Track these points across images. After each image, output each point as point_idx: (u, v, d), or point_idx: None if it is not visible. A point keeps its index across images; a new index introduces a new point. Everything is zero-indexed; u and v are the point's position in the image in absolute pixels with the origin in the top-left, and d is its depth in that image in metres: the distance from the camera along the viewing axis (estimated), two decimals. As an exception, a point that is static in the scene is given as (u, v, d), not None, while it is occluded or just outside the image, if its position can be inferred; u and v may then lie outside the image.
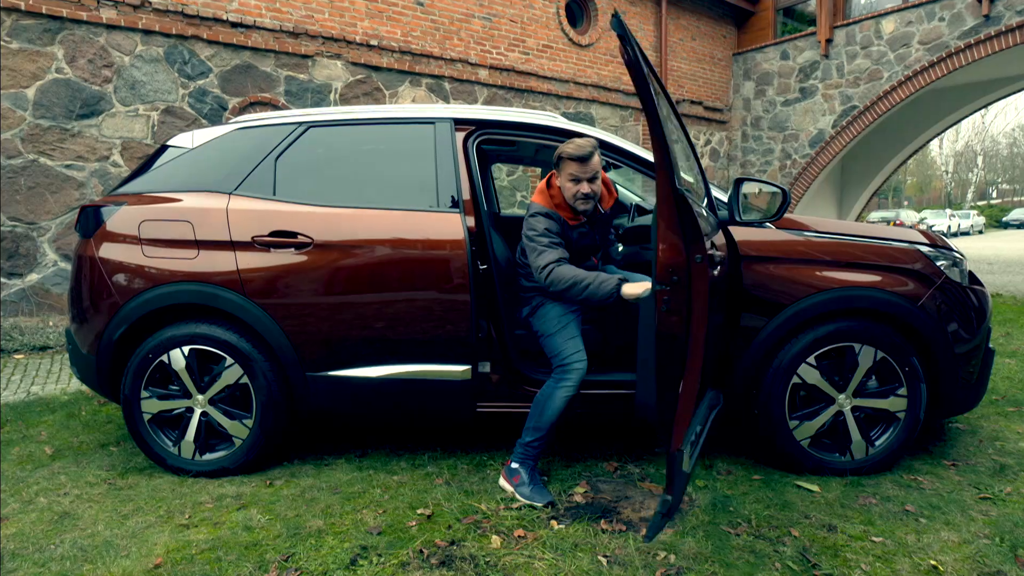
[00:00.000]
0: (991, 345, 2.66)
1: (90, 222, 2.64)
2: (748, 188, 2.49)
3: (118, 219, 2.59)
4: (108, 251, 2.57)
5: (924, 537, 2.01)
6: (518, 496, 2.26)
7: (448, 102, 7.72)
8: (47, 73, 5.26)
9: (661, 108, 2.00)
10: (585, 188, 2.33)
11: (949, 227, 26.77)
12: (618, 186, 4.09)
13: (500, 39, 8.14)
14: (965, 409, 2.61)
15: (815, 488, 2.35)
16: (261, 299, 2.47)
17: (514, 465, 2.34)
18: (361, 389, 2.52)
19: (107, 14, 5.44)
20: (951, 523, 2.10)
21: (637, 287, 2.21)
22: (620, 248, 3.67)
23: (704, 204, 2.48)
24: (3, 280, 5.20)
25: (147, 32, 5.66)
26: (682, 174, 2.14)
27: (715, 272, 2.09)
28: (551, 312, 2.42)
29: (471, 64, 7.85)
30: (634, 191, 4.01)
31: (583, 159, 2.29)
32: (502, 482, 2.36)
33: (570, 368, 2.32)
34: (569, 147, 2.30)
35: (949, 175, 44.41)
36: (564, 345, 2.36)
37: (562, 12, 8.70)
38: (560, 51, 8.76)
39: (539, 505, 2.21)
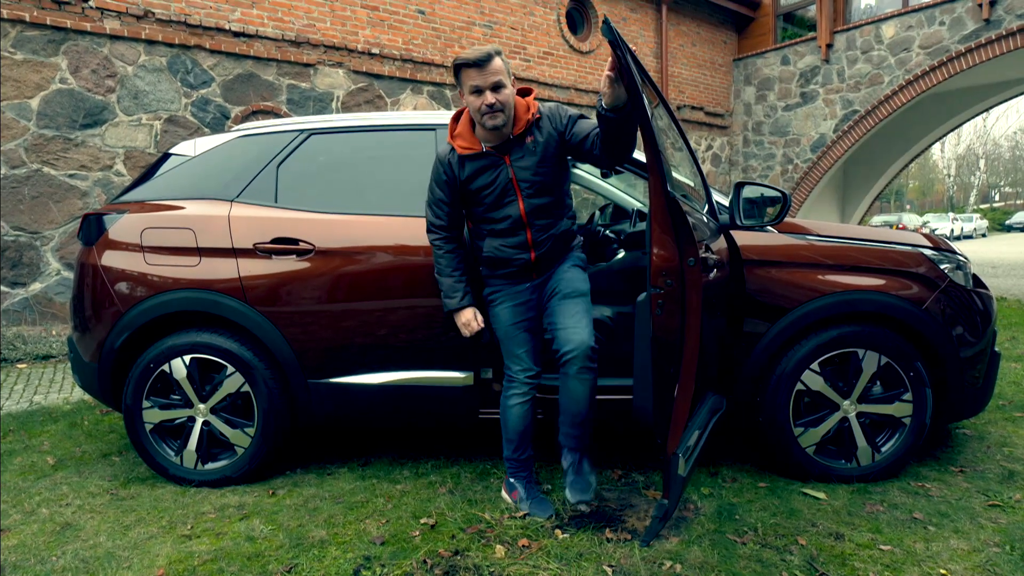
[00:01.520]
0: (997, 349, 2.64)
1: (92, 230, 2.64)
2: (749, 192, 2.48)
3: (120, 227, 2.59)
4: (110, 259, 2.57)
5: (933, 545, 1.99)
6: (520, 510, 2.22)
7: (450, 109, 7.74)
8: (51, 83, 5.29)
9: (655, 115, 2.00)
10: (489, 99, 1.97)
11: (952, 230, 26.73)
12: (619, 191, 4.10)
13: (501, 46, 8.17)
14: (971, 414, 2.59)
15: (821, 495, 2.33)
16: (263, 306, 2.47)
17: (510, 480, 2.29)
18: (363, 396, 2.51)
19: (111, 25, 5.48)
20: (960, 531, 2.08)
21: (464, 321, 2.17)
22: (621, 254, 3.67)
23: (705, 209, 2.47)
24: (7, 289, 5.22)
25: (150, 42, 5.70)
26: (677, 178, 2.14)
27: (710, 276, 2.08)
28: (501, 316, 2.22)
29: (472, 71, 7.87)
30: (636, 196, 4.01)
31: (479, 63, 1.96)
32: (504, 494, 2.32)
33: (513, 380, 2.23)
34: (464, 52, 2.01)
35: (951, 178, 44.37)
36: (509, 357, 2.23)
37: (563, 19, 8.73)
38: (561, 58, 8.79)
39: (542, 519, 2.16)
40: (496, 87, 1.98)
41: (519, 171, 2.08)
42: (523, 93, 2.16)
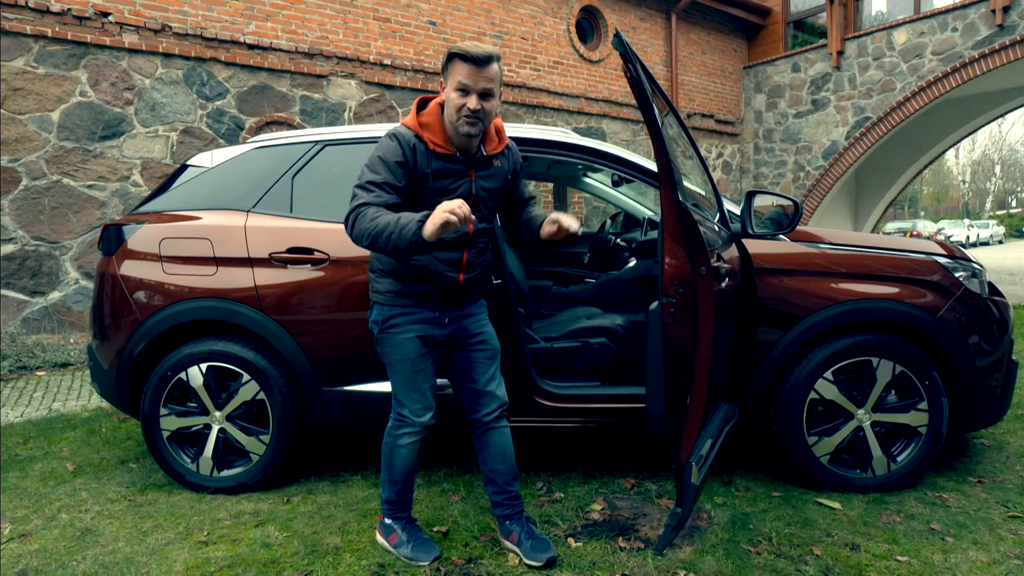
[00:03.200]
0: (1014, 357, 2.61)
1: (112, 240, 2.70)
2: (760, 201, 2.49)
3: (139, 237, 2.64)
4: (129, 268, 2.62)
5: (951, 557, 1.97)
6: (399, 557, 1.99)
7: (460, 119, 7.79)
8: (71, 96, 5.40)
9: (666, 124, 2.01)
10: (473, 103, 1.76)
11: (968, 237, 26.40)
12: (630, 200, 4.12)
13: (511, 56, 8.23)
14: (989, 423, 2.56)
15: (837, 505, 2.31)
16: (278, 315, 2.50)
17: (387, 521, 2.06)
18: (376, 403, 2.52)
19: (129, 39, 5.60)
20: (979, 542, 2.05)
21: (448, 208, 1.63)
22: (632, 262, 3.68)
23: (716, 218, 2.48)
24: (27, 298, 5.31)
25: (167, 55, 5.81)
26: (688, 187, 2.15)
27: (722, 285, 2.08)
28: (406, 345, 1.91)
29: (483, 81, 7.94)
30: (647, 205, 4.02)
31: (478, 61, 1.75)
32: (379, 538, 2.08)
33: (407, 421, 1.97)
34: (465, 43, 1.79)
35: (966, 185, 43.90)
36: (406, 394, 1.95)
37: (573, 29, 8.79)
38: (571, 67, 8.83)
39: (424, 564, 1.95)
40: (485, 94, 1.79)
41: (479, 190, 1.91)
42: None
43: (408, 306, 1.92)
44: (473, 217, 1.70)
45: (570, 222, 1.90)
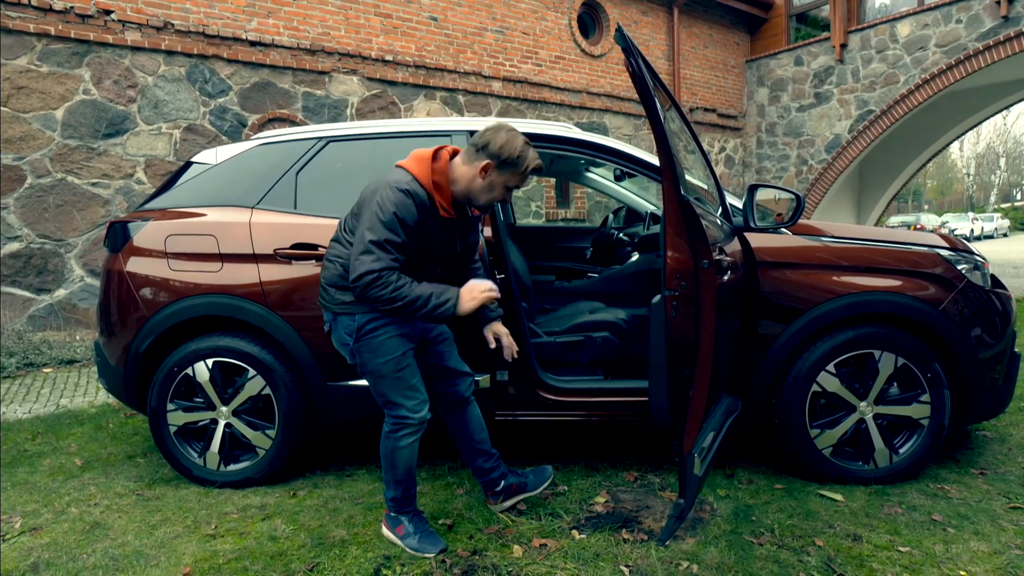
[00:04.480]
0: (1017, 350, 2.61)
1: (118, 237, 2.71)
2: (763, 195, 2.49)
3: (145, 234, 2.66)
4: (135, 265, 2.64)
5: (952, 547, 1.98)
6: (405, 548, 2.02)
7: (462, 115, 7.80)
8: (75, 95, 5.42)
9: (667, 118, 2.02)
10: (509, 197, 2.06)
11: (972, 230, 26.29)
12: (632, 194, 4.12)
13: (513, 51, 8.22)
14: (991, 415, 2.57)
15: (839, 497, 2.32)
16: (283, 310, 2.52)
17: (392, 514, 2.09)
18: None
19: (132, 36, 5.61)
20: (980, 533, 2.06)
21: (485, 288, 1.92)
22: (635, 256, 3.68)
23: (719, 211, 2.49)
24: (32, 296, 5.35)
25: (169, 53, 5.82)
26: (690, 180, 2.16)
27: (724, 278, 2.09)
28: (388, 345, 1.96)
29: (485, 77, 7.93)
30: (649, 199, 4.03)
31: (527, 176, 1.98)
32: (385, 531, 2.10)
33: (407, 421, 1.99)
34: (531, 155, 1.93)
35: (971, 178, 43.69)
36: (404, 395, 1.99)
37: (574, 23, 8.77)
38: (572, 62, 8.82)
39: (430, 556, 1.98)
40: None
41: (461, 244, 2.14)
42: None
43: (379, 310, 1.97)
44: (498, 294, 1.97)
45: (504, 349, 2.22)
